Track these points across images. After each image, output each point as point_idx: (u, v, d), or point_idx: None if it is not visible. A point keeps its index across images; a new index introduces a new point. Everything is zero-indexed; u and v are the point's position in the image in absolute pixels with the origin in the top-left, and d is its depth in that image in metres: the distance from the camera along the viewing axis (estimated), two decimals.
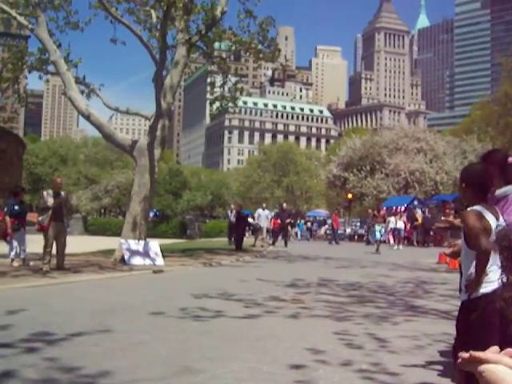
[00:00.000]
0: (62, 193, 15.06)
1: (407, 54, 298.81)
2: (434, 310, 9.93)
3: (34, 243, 16.57)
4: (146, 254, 17.22)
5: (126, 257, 16.83)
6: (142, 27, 21.33)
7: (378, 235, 29.67)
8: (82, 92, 20.71)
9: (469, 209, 4.09)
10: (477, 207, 4.04)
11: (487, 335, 3.96)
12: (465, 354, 1.24)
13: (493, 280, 4.02)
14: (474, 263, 4.04)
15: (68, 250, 15.44)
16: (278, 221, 33.25)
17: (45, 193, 15.03)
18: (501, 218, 4.15)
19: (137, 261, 16.82)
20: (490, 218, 4.02)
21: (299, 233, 50.42)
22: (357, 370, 5.75)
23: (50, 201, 14.51)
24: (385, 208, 39.22)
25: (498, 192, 4.49)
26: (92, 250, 20.60)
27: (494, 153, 5.19)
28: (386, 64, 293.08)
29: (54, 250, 14.72)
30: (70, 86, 19.67)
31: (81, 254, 19.42)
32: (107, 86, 23.57)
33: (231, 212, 32.65)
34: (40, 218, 14.56)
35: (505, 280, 3.91)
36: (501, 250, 3.80)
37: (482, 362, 1.21)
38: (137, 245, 17.40)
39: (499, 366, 1.20)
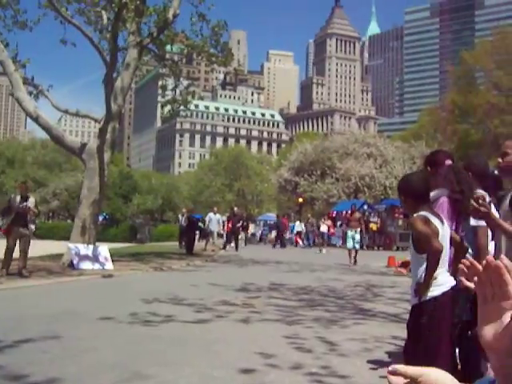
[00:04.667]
0: (31, 198, 14.75)
1: (358, 60, 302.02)
2: (382, 313, 10.06)
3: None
4: (95, 258, 16.99)
5: (74, 261, 16.57)
6: (93, 28, 21.01)
7: (350, 243, 23.17)
8: (30, 93, 20.29)
9: (415, 214, 4.18)
10: (423, 212, 4.16)
11: (437, 337, 4.05)
12: (391, 368, 1.26)
13: (441, 283, 4.11)
14: (424, 267, 4.13)
15: (15, 255, 15.14)
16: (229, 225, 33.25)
17: (12, 196, 14.74)
18: (445, 222, 4.27)
19: (86, 265, 16.57)
20: (436, 221, 4.13)
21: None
22: (307, 374, 5.79)
23: (16, 205, 14.22)
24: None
25: (431, 195, 4.62)
26: (40, 254, 20.20)
27: (440, 153, 5.36)
28: (337, 70, 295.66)
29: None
30: (18, 86, 19.28)
31: (28, 259, 19.00)
32: (56, 87, 23.20)
33: (182, 216, 32.51)
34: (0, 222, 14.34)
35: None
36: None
37: (404, 376, 1.23)
38: (86, 249, 17.14)
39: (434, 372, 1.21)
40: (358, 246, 23.65)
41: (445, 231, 4.21)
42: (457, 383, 1.19)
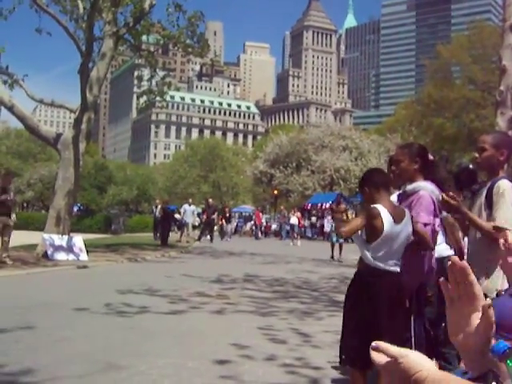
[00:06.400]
0: (12, 187, 14.71)
1: (334, 53, 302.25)
2: None
3: None
4: (69, 249, 16.91)
5: (49, 252, 16.47)
6: (69, 18, 20.80)
7: (335, 237, 21.98)
8: (5, 82, 20.00)
9: (372, 206, 4.31)
10: (377, 205, 4.27)
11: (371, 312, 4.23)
12: (374, 344, 1.28)
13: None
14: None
15: None
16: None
17: None
18: (406, 218, 4.33)
19: (60, 256, 16.49)
20: (385, 217, 4.22)
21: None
22: (281, 365, 5.84)
23: None
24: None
25: (409, 187, 4.66)
26: (14, 244, 20.01)
27: (411, 145, 5.39)
28: (313, 62, 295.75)
29: None
30: None
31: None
32: (31, 76, 22.81)
33: (156, 207, 32.44)
34: None
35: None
36: None
37: (386, 354, 1.24)
38: (60, 240, 17.05)
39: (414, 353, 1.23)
40: (342, 240, 21.86)
41: (393, 229, 4.27)
42: (434, 366, 1.22)
